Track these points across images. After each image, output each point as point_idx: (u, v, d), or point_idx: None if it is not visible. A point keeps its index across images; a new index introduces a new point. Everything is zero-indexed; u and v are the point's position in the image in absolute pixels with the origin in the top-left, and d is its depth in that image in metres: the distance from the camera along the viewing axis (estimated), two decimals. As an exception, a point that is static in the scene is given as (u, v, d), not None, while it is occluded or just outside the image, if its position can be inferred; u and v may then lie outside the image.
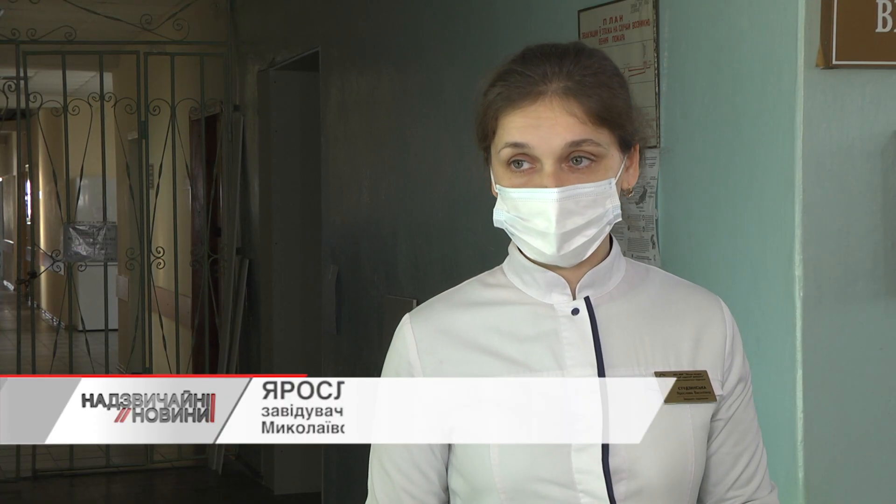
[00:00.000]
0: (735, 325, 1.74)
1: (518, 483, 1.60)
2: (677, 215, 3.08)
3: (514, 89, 1.60)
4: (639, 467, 1.60)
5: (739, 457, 1.73)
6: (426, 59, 4.76)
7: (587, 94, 1.58)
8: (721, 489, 1.73)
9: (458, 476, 1.67)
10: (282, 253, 7.09)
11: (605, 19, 3.34)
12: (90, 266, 8.06)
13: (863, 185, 2.66)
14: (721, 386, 1.68)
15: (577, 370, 1.62)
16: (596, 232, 1.60)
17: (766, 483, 1.76)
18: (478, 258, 4.20)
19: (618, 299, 1.68)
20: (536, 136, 1.58)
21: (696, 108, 2.99)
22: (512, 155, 1.60)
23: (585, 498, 1.59)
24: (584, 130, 1.58)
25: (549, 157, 1.58)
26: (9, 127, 16.02)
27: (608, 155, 1.60)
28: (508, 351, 1.64)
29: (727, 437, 1.71)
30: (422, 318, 1.69)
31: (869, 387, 2.68)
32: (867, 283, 2.67)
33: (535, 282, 1.66)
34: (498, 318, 1.67)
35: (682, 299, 1.72)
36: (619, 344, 1.65)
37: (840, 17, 2.60)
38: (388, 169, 5.19)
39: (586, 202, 1.59)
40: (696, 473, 1.66)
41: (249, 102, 7.41)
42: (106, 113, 7.65)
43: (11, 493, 7.21)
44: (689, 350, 1.68)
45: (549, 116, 1.58)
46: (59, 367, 8.20)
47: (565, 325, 1.65)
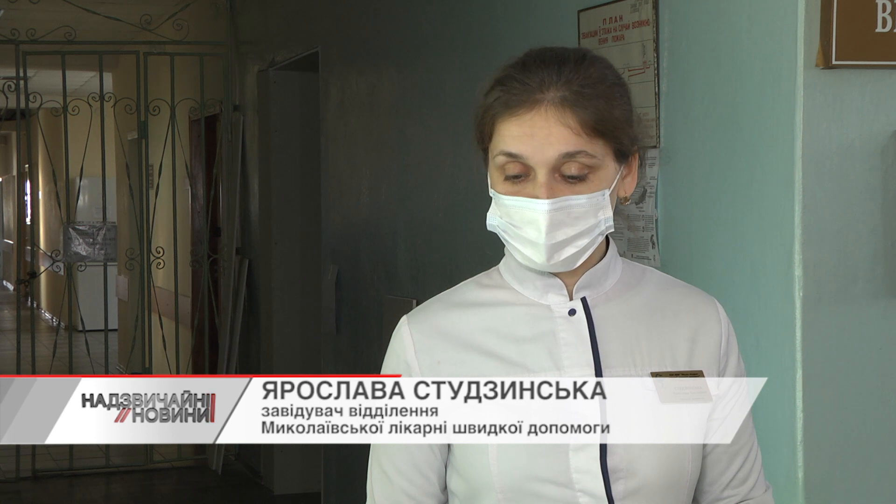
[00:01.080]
0: (730, 326, 1.74)
1: (516, 483, 1.61)
2: (677, 215, 3.08)
3: (511, 96, 1.60)
4: (636, 467, 1.61)
5: (735, 456, 1.73)
6: (426, 59, 4.75)
7: (583, 105, 1.57)
8: (717, 488, 1.74)
9: (456, 476, 1.68)
10: (281, 253, 7.09)
11: (605, 19, 3.34)
12: (90, 266, 8.06)
13: (862, 185, 2.66)
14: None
15: (575, 370, 1.63)
16: (587, 242, 1.61)
17: (760, 482, 1.77)
18: (477, 258, 4.20)
19: (614, 300, 1.69)
20: (530, 145, 1.58)
21: (696, 109, 2.99)
22: (506, 163, 1.60)
23: (583, 497, 1.60)
24: (579, 142, 1.57)
25: (542, 167, 1.58)
26: (8, 127, 16.01)
27: (603, 166, 1.60)
28: (505, 352, 1.65)
29: None
30: (419, 319, 1.70)
31: (868, 386, 2.68)
32: (867, 282, 2.67)
33: (532, 283, 1.67)
34: (495, 318, 1.68)
35: (678, 300, 1.72)
36: (615, 344, 1.66)
37: (840, 17, 2.60)
38: (388, 169, 5.19)
39: (578, 213, 1.59)
40: (692, 473, 1.67)
41: (249, 102, 7.41)
42: (106, 113, 7.65)
43: (11, 493, 7.21)
44: (685, 350, 1.68)
45: (544, 126, 1.57)
46: (58, 367, 8.20)
47: (562, 325, 1.65)
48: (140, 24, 7.61)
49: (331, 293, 5.93)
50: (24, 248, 12.06)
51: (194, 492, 7.25)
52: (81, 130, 7.59)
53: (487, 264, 1.77)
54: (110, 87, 10.26)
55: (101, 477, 7.54)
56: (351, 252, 5.73)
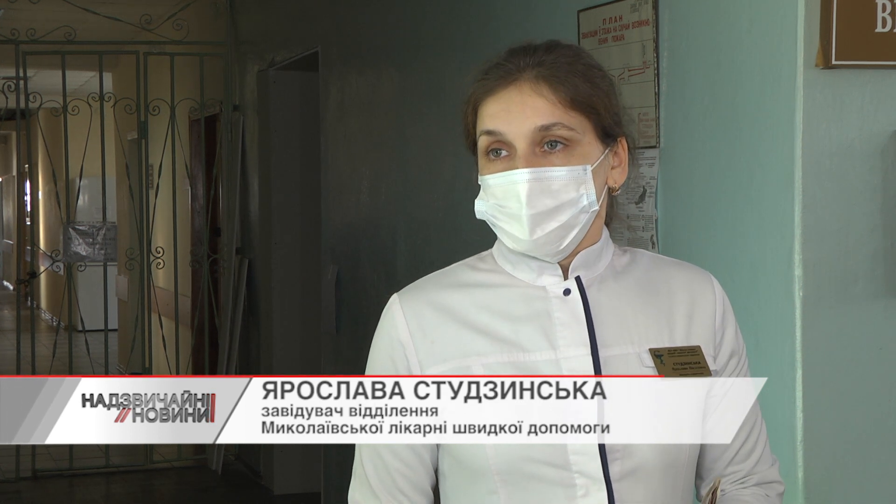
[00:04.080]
0: (726, 299, 1.74)
1: (512, 464, 1.60)
2: (677, 215, 3.08)
3: (490, 80, 1.64)
4: (634, 446, 1.60)
5: (738, 431, 1.71)
6: (426, 59, 4.76)
7: (559, 78, 1.61)
8: (720, 465, 1.73)
9: (448, 457, 1.67)
10: (281, 253, 7.09)
11: (605, 19, 3.34)
12: (90, 266, 8.06)
13: (862, 184, 2.66)
14: (713, 360, 1.68)
15: (570, 350, 1.63)
16: (568, 219, 1.61)
17: (766, 457, 1.76)
18: (477, 258, 4.20)
19: (608, 279, 1.69)
20: (507, 120, 1.61)
21: (696, 108, 2.99)
22: (489, 144, 1.63)
23: (580, 478, 1.59)
24: (554, 113, 1.60)
25: (520, 140, 1.60)
26: (8, 127, 16.00)
27: (583, 141, 1.62)
28: (500, 330, 1.65)
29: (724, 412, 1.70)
30: (411, 297, 1.70)
31: (868, 386, 2.68)
32: (867, 282, 2.67)
33: (527, 264, 1.67)
34: (489, 298, 1.68)
35: (672, 276, 1.72)
36: (611, 323, 1.66)
37: (839, 17, 2.60)
38: (388, 169, 5.19)
39: (558, 185, 1.60)
40: (690, 452, 1.66)
41: (249, 102, 7.41)
42: (105, 113, 7.65)
43: (11, 493, 7.21)
44: (682, 325, 1.68)
45: (519, 101, 1.61)
46: (58, 367, 8.20)
47: (557, 305, 1.65)
48: (140, 24, 7.61)
49: (331, 293, 5.93)
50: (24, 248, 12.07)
51: (194, 492, 7.25)
52: (81, 130, 7.59)
53: (487, 264, 1.77)
54: (110, 87, 10.26)
55: (101, 477, 7.54)
56: (351, 252, 5.73)
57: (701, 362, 1.66)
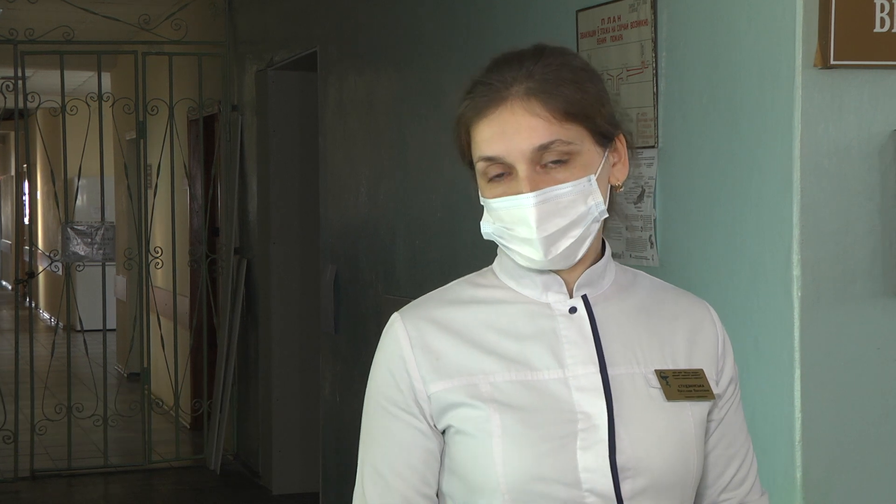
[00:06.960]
0: (724, 330, 1.74)
1: (522, 483, 1.57)
2: (675, 215, 3.08)
3: (479, 99, 1.59)
4: (645, 465, 1.59)
5: (732, 459, 1.73)
6: (425, 59, 4.76)
7: (550, 92, 1.57)
8: (714, 492, 1.73)
9: (452, 478, 1.63)
10: (280, 253, 7.09)
11: (603, 19, 3.34)
12: (88, 266, 8.06)
13: (861, 185, 2.66)
14: (716, 385, 1.68)
15: (579, 368, 1.61)
16: (582, 232, 1.59)
17: (756, 487, 1.77)
18: (476, 258, 4.20)
19: (612, 299, 1.67)
20: (503, 144, 1.57)
21: (695, 108, 2.99)
22: (487, 167, 1.59)
23: (591, 497, 1.57)
24: (551, 130, 1.56)
25: (520, 162, 1.57)
26: (7, 127, 16.02)
27: (583, 151, 1.58)
28: (507, 348, 1.62)
29: (720, 438, 1.71)
30: (413, 314, 1.66)
31: (867, 386, 2.68)
32: (865, 282, 2.67)
33: (532, 281, 1.65)
34: (493, 315, 1.65)
35: (672, 302, 1.72)
36: (617, 342, 1.64)
37: (838, 17, 2.60)
38: (387, 169, 5.19)
39: (566, 202, 1.57)
40: (697, 471, 1.66)
41: (248, 102, 7.41)
42: (104, 113, 7.65)
43: (10, 493, 7.20)
44: (684, 349, 1.68)
45: (513, 122, 1.57)
46: (57, 367, 8.19)
47: (563, 323, 1.63)
48: (138, 24, 7.61)
49: (329, 293, 5.93)
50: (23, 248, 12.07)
51: (193, 492, 7.25)
52: (80, 130, 7.58)
53: (486, 263, 1.76)
54: (109, 86, 10.26)
55: (100, 477, 7.54)
56: (349, 252, 5.73)
57: (704, 385, 1.66)
